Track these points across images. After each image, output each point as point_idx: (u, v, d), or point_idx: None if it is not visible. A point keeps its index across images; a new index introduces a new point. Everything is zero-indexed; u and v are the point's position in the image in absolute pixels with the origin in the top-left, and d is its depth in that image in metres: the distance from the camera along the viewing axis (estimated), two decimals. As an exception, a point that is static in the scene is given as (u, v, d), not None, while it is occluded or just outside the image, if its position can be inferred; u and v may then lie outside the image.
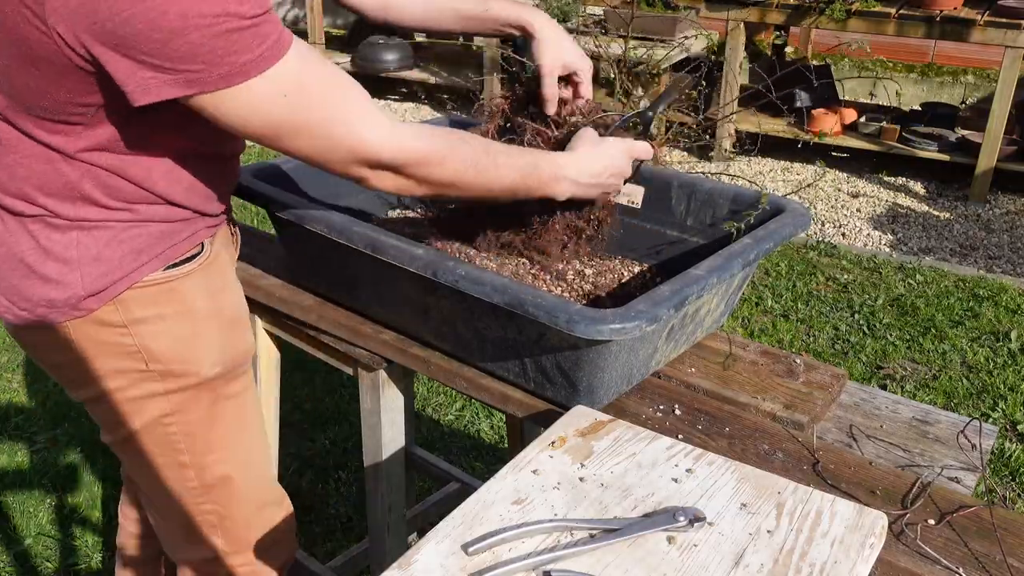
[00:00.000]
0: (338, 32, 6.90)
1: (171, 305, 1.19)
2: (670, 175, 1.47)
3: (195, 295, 1.21)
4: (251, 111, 0.98)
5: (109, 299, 1.15)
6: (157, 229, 1.16)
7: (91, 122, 1.04)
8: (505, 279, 1.11)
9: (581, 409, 1.06)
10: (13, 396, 2.88)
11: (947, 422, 1.26)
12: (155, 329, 1.18)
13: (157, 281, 1.17)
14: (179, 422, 1.24)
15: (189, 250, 1.20)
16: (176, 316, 1.20)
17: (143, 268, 1.16)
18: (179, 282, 1.19)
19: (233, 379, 1.29)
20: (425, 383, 2.91)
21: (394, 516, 1.58)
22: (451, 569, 0.80)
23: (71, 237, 1.12)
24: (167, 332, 1.19)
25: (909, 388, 2.91)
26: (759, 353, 1.35)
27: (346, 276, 1.36)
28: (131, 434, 1.25)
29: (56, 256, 1.12)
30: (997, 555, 0.96)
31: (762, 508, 0.90)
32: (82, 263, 1.12)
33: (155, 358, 1.19)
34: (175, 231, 1.18)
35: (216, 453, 1.29)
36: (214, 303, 1.24)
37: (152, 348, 1.19)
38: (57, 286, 1.13)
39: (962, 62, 5.75)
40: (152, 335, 1.18)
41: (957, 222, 4.32)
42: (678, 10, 4.67)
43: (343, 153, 1.04)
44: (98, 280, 1.13)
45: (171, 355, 1.20)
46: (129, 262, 1.15)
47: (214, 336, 1.24)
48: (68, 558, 2.24)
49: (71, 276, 1.12)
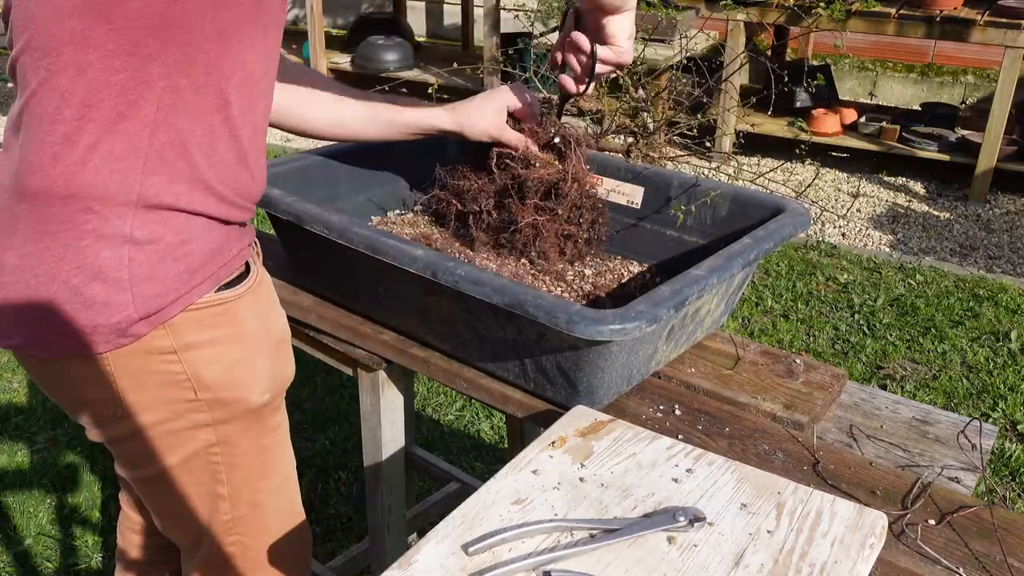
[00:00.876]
0: (338, 32, 6.90)
1: (224, 328, 1.13)
2: (670, 175, 1.47)
3: (247, 317, 1.15)
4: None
5: (161, 323, 1.07)
6: (207, 246, 1.09)
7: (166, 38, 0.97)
8: (505, 280, 1.11)
9: (581, 409, 1.06)
10: (13, 396, 2.88)
11: (947, 422, 1.26)
12: (207, 355, 1.12)
13: (211, 303, 1.10)
14: (225, 453, 1.18)
15: (237, 269, 1.15)
16: (228, 340, 1.13)
17: (198, 289, 1.09)
18: (232, 304, 1.13)
19: (277, 408, 1.24)
20: (425, 383, 2.91)
21: (394, 516, 1.58)
22: (451, 569, 0.80)
23: (123, 254, 1.03)
24: (219, 358, 1.13)
25: (909, 388, 2.91)
26: (759, 353, 1.35)
27: (346, 277, 1.36)
28: (166, 469, 1.17)
29: (105, 276, 1.03)
30: (997, 555, 0.96)
31: (762, 508, 0.90)
32: (134, 283, 1.04)
33: (205, 386, 1.12)
34: (223, 248, 1.12)
35: (252, 484, 1.24)
36: (263, 326, 1.19)
37: (203, 375, 1.12)
38: (105, 309, 1.04)
39: (962, 62, 5.75)
40: (203, 361, 1.11)
41: (957, 222, 4.32)
42: (678, 10, 4.67)
43: None
44: (151, 301, 1.05)
45: (222, 382, 1.14)
46: (183, 282, 1.07)
47: (264, 361, 1.18)
48: (68, 558, 2.24)
49: (121, 297, 1.04)
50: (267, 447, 1.24)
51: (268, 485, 1.27)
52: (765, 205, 1.36)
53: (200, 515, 1.23)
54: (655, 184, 1.46)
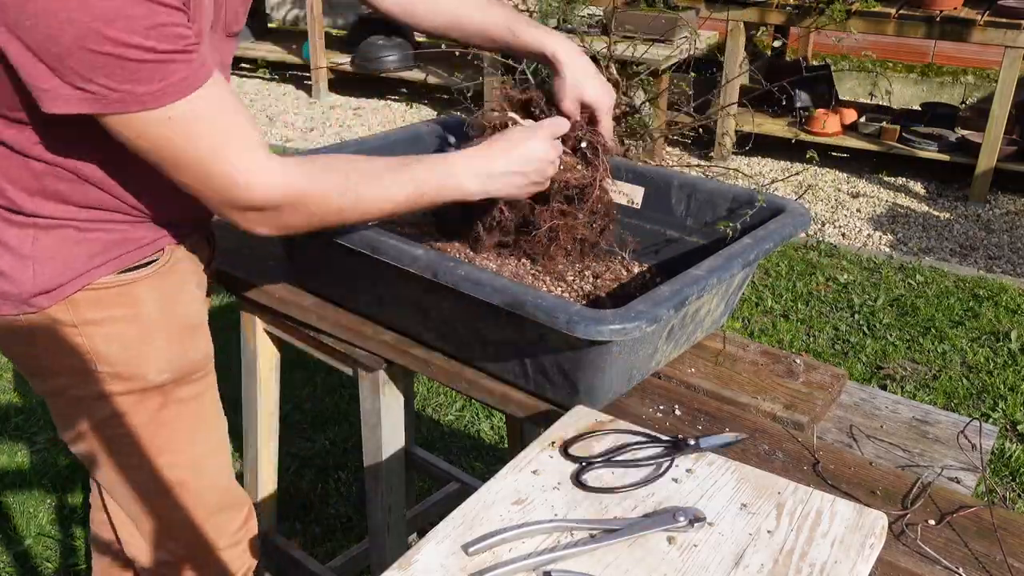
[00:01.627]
0: (338, 32, 6.90)
1: (121, 308, 1.20)
2: (670, 175, 1.47)
3: (146, 300, 1.22)
4: (144, 138, 1.00)
5: (60, 299, 1.16)
6: (120, 234, 1.17)
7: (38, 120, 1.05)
8: (505, 280, 1.11)
9: (581, 409, 1.06)
10: (13, 396, 2.88)
11: (947, 422, 1.26)
12: (104, 331, 1.19)
13: (109, 284, 1.18)
14: (126, 424, 1.25)
15: (147, 256, 1.21)
16: (125, 320, 1.21)
17: (96, 271, 1.17)
18: (131, 286, 1.20)
19: (185, 384, 1.29)
20: (425, 383, 2.91)
21: (394, 516, 1.58)
22: (451, 569, 0.80)
23: (28, 233, 1.13)
24: (116, 336, 1.20)
25: (909, 388, 2.91)
26: (759, 353, 1.35)
27: (346, 277, 1.36)
28: (83, 433, 1.26)
29: (12, 250, 1.13)
30: (997, 555, 0.96)
31: (762, 508, 0.90)
32: (36, 260, 1.14)
33: (103, 360, 1.20)
34: (136, 237, 1.19)
35: (165, 456, 1.29)
36: (166, 310, 1.24)
37: (101, 350, 1.20)
38: (9, 279, 1.14)
39: (962, 62, 5.75)
40: (102, 337, 1.19)
41: (957, 222, 4.32)
42: (678, 10, 4.67)
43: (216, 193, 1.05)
44: (50, 279, 1.15)
45: (118, 358, 1.21)
46: (83, 263, 1.16)
47: (163, 343, 1.24)
48: (68, 558, 2.24)
49: (23, 272, 1.14)
50: (171, 420, 1.29)
51: (183, 459, 1.32)
52: (765, 205, 1.36)
53: (122, 483, 1.30)
54: (655, 184, 1.46)
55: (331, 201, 1.11)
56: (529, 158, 1.23)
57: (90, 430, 1.26)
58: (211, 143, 1.02)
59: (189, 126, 1.00)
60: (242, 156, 1.04)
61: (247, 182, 1.05)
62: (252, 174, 1.05)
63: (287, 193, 1.07)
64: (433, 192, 1.18)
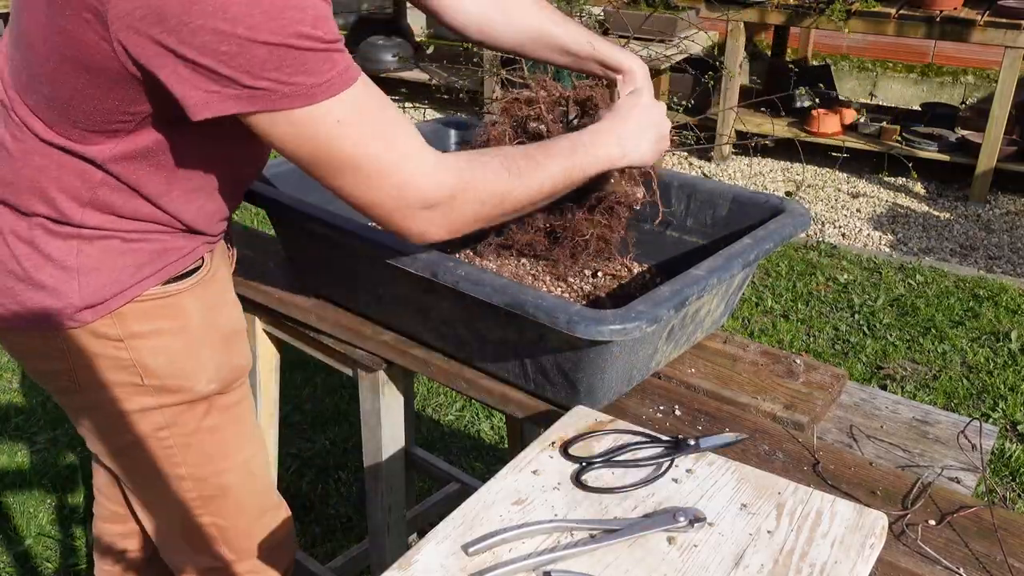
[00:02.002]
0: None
1: (168, 320, 1.17)
2: (670, 175, 1.47)
3: (192, 311, 1.20)
4: (307, 136, 0.95)
5: (106, 312, 1.12)
6: (160, 244, 1.14)
7: (132, 130, 1.02)
8: (505, 280, 1.11)
9: (581, 409, 1.06)
10: (13, 396, 2.88)
11: (947, 422, 1.26)
12: (151, 344, 1.16)
13: (155, 296, 1.15)
14: (174, 435, 1.23)
15: (189, 265, 1.19)
16: (172, 332, 1.18)
17: (143, 283, 1.14)
18: (177, 297, 1.18)
19: (229, 392, 1.27)
20: (425, 383, 2.91)
21: (394, 516, 1.58)
22: (451, 569, 0.80)
23: (72, 245, 1.09)
24: (163, 348, 1.17)
25: (909, 388, 2.91)
26: (759, 353, 1.35)
27: (346, 277, 1.36)
28: (126, 446, 1.23)
29: (55, 263, 1.09)
30: (998, 555, 0.96)
31: (762, 508, 0.90)
32: (81, 272, 1.10)
33: (151, 373, 1.17)
34: (177, 247, 1.16)
35: (213, 464, 1.28)
36: (210, 319, 1.22)
37: (148, 363, 1.17)
38: (52, 294, 1.10)
39: (962, 62, 5.75)
40: (149, 350, 1.16)
41: (957, 222, 4.32)
42: (678, 10, 4.67)
43: (390, 194, 0.99)
44: (96, 292, 1.11)
45: (167, 371, 1.18)
46: (129, 275, 1.12)
47: (210, 353, 1.22)
48: (68, 558, 2.24)
49: (68, 285, 1.10)
50: (218, 428, 1.27)
51: (230, 466, 1.30)
52: (765, 205, 1.36)
53: (168, 494, 1.27)
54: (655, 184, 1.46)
55: (498, 184, 1.06)
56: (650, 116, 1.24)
57: (132, 444, 1.22)
58: (382, 137, 0.98)
59: (359, 118, 0.96)
60: (411, 148, 1.00)
61: (423, 174, 1.00)
62: (426, 165, 1.00)
63: (457, 182, 1.02)
64: (580, 169, 1.15)
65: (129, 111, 1.00)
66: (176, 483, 1.26)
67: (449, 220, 1.04)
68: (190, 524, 1.31)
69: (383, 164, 0.98)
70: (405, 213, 1.01)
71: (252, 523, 1.35)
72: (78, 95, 0.99)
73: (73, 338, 1.13)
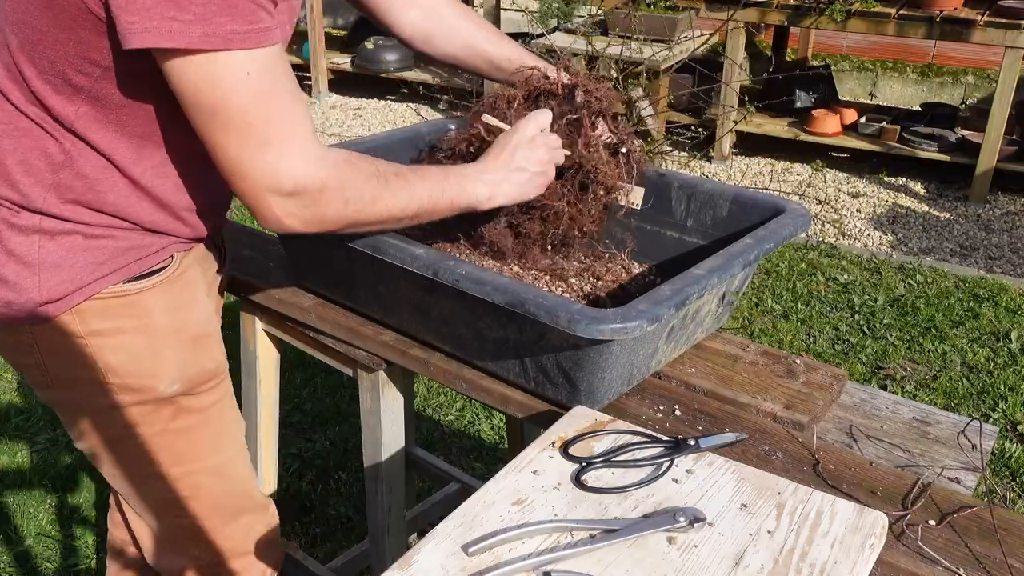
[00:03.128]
0: (338, 32, 6.90)
1: (129, 319, 1.18)
2: (670, 175, 1.47)
3: (154, 310, 1.20)
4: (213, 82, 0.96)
5: (66, 308, 1.13)
6: (125, 242, 1.15)
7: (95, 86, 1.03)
8: (506, 279, 1.11)
9: (581, 409, 1.06)
10: (13, 396, 2.88)
11: (947, 422, 1.26)
12: (112, 342, 1.17)
13: (115, 294, 1.16)
14: (139, 435, 1.23)
15: (156, 264, 1.19)
16: (133, 331, 1.18)
17: (103, 280, 1.14)
18: (138, 296, 1.18)
19: (198, 394, 1.27)
20: (425, 383, 2.91)
21: (394, 517, 1.58)
22: (451, 570, 0.80)
23: (33, 240, 1.11)
24: (124, 346, 1.18)
25: (909, 388, 2.91)
26: (759, 354, 1.35)
27: (346, 277, 1.36)
28: (98, 444, 1.24)
29: (17, 258, 1.11)
30: (998, 556, 0.95)
31: (762, 508, 0.90)
32: (42, 268, 1.11)
33: (112, 371, 1.18)
34: (143, 245, 1.17)
35: (184, 466, 1.28)
36: (175, 320, 1.22)
37: (110, 361, 1.18)
38: (14, 288, 1.12)
39: (962, 62, 5.75)
40: (110, 348, 1.17)
41: (957, 222, 4.32)
42: (678, 10, 4.67)
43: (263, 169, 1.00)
44: (56, 288, 1.12)
45: (128, 370, 1.19)
46: (89, 272, 1.13)
47: (173, 353, 1.22)
48: (68, 558, 2.24)
49: (28, 280, 1.11)
50: (187, 430, 1.27)
51: (201, 467, 1.29)
52: (765, 205, 1.36)
53: (141, 492, 1.28)
54: (655, 184, 1.46)
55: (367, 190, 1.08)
56: (522, 156, 1.24)
57: (104, 442, 1.24)
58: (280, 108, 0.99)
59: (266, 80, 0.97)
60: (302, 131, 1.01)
61: (303, 159, 1.01)
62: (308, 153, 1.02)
63: (329, 178, 1.04)
64: (448, 199, 1.18)
65: (89, 58, 1.01)
66: (150, 483, 1.27)
67: (311, 212, 1.05)
68: (164, 523, 1.32)
69: (270, 134, 0.99)
70: (270, 193, 1.02)
71: (227, 524, 1.35)
72: (42, 37, 1.00)
73: (40, 333, 1.15)
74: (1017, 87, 4.25)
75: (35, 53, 1.02)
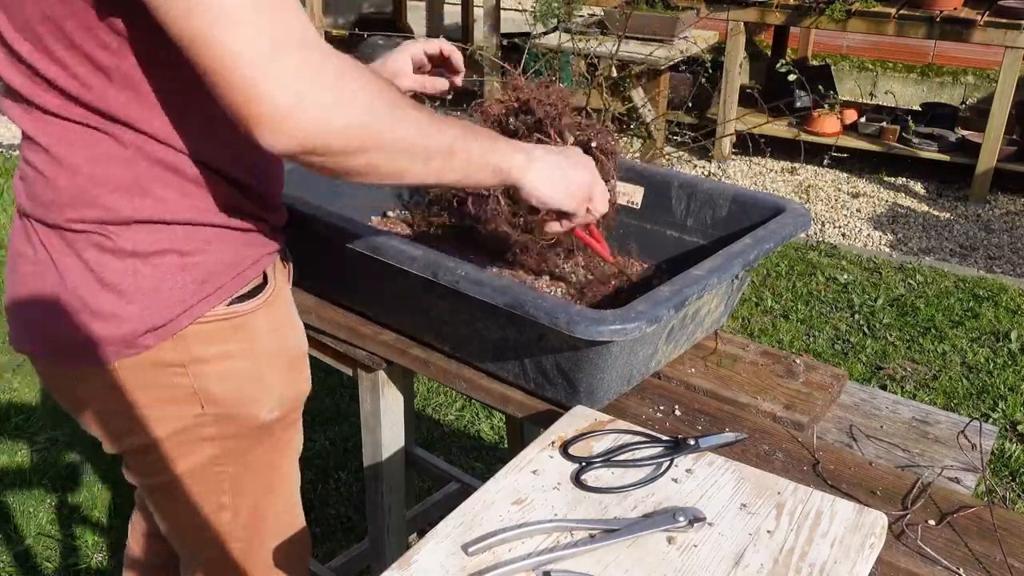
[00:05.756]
0: (338, 32, 6.89)
1: (235, 343, 1.09)
2: (670, 175, 1.47)
3: (260, 332, 1.12)
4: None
5: (169, 335, 1.04)
6: (218, 255, 1.06)
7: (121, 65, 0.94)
8: (505, 280, 1.11)
9: (581, 409, 1.06)
10: (13, 396, 2.88)
11: (947, 422, 1.26)
12: (217, 369, 1.09)
13: (222, 316, 1.07)
14: (232, 466, 1.16)
15: (253, 279, 1.11)
16: (240, 356, 1.10)
17: (208, 300, 1.06)
18: (246, 318, 1.09)
19: (290, 425, 1.21)
20: (425, 383, 2.91)
21: (394, 516, 1.58)
22: (451, 569, 0.80)
23: (128, 265, 1.02)
24: (229, 373, 1.10)
25: (909, 388, 2.91)
26: (759, 353, 1.35)
27: (346, 277, 1.36)
28: (172, 479, 1.15)
29: (112, 287, 1.02)
30: (997, 555, 0.95)
31: (762, 508, 0.90)
32: (140, 294, 1.02)
33: (213, 401, 1.10)
34: (236, 262, 1.08)
35: (259, 497, 1.22)
36: (278, 341, 1.15)
37: (212, 390, 1.09)
38: (111, 320, 1.02)
39: (962, 62, 5.75)
40: (213, 376, 1.09)
41: (957, 222, 4.32)
42: (678, 10, 4.67)
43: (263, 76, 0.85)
44: (159, 313, 1.03)
45: (231, 398, 1.11)
46: (191, 293, 1.04)
47: (276, 377, 1.15)
48: (68, 558, 2.24)
49: (128, 309, 1.02)
50: (277, 463, 1.22)
51: (274, 499, 1.25)
52: (765, 205, 1.36)
53: (203, 523, 1.22)
54: (655, 184, 1.46)
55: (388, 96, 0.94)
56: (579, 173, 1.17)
57: (183, 475, 1.14)
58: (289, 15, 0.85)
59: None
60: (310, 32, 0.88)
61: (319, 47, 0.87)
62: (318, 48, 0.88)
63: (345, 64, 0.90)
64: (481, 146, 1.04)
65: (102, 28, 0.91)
66: (216, 513, 1.20)
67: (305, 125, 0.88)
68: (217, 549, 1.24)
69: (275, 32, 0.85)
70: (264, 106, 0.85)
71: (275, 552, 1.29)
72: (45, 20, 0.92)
73: (127, 369, 1.05)
74: (1017, 87, 4.25)
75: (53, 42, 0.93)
